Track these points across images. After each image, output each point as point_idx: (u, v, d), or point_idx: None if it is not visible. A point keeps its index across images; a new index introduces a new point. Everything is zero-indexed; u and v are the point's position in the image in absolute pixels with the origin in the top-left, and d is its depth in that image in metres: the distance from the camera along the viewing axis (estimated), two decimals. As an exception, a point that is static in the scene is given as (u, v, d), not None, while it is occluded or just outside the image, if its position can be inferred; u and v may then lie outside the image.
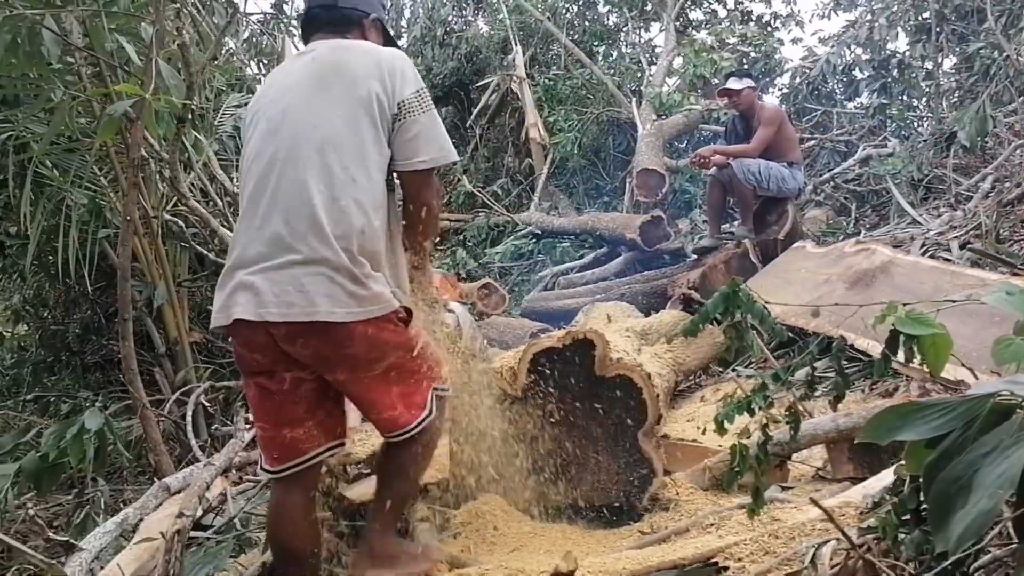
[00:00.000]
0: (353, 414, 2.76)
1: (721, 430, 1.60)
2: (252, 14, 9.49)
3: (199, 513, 3.26)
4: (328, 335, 2.18)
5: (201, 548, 3.33)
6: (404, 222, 2.44)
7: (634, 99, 10.23)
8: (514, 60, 11.20)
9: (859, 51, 9.27)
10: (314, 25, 2.49)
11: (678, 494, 3.19)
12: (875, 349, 1.53)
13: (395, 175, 2.39)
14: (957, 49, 8.30)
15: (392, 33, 2.69)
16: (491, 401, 3.28)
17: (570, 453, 3.42)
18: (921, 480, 1.30)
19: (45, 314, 7.27)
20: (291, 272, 2.16)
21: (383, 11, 2.59)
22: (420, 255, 2.49)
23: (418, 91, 2.32)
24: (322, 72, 2.32)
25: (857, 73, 9.37)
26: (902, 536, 1.45)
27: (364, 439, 3.48)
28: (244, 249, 2.24)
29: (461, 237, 10.00)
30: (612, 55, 12.68)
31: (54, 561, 1.72)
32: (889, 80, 8.80)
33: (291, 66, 2.49)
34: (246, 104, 6.54)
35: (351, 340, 2.20)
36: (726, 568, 2.28)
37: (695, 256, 6.76)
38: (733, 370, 5.21)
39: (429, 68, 12.21)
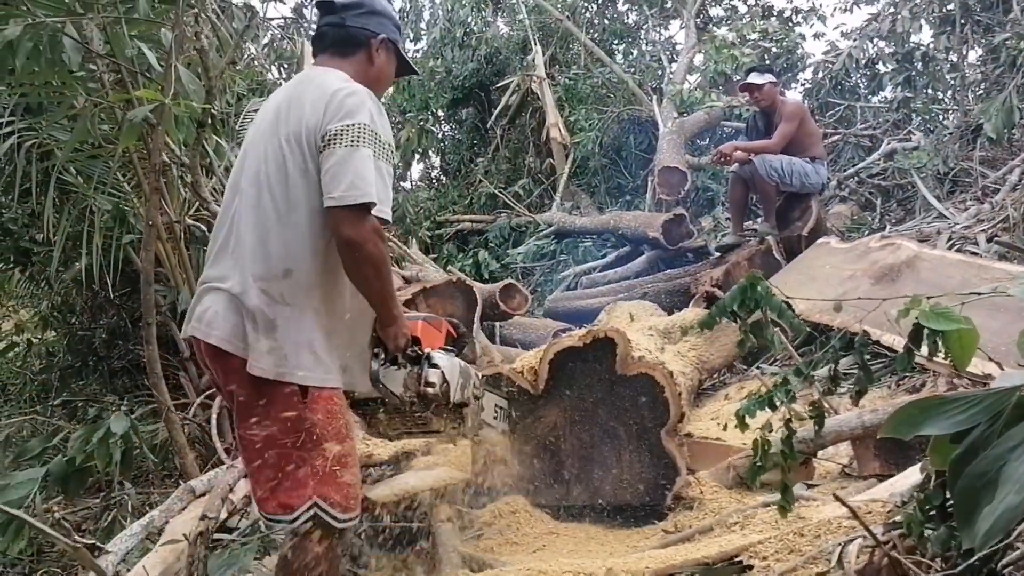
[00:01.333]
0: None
1: (743, 425, 1.57)
2: (272, 19, 9.56)
3: (223, 515, 3.27)
4: (222, 363, 2.17)
5: (226, 550, 3.35)
6: None
7: (655, 97, 10.18)
8: (534, 60, 11.18)
9: (882, 44, 9.15)
10: (321, 43, 2.44)
11: (702, 493, 3.17)
12: (900, 345, 1.51)
13: None
14: (982, 40, 8.17)
15: (407, 56, 2.55)
16: (499, 432, 3.19)
17: (593, 452, 3.41)
18: (946, 475, 1.27)
19: (72, 320, 7.35)
20: (219, 298, 2.19)
21: (396, 32, 2.47)
22: (377, 311, 2.23)
23: (353, 124, 2.11)
24: (279, 104, 2.28)
25: (880, 67, 9.25)
26: (928, 533, 1.42)
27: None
28: (205, 270, 2.31)
29: (483, 238, 10.00)
30: (632, 53, 12.63)
31: (80, 545, 1.72)
32: (913, 73, 8.68)
33: (277, 92, 2.47)
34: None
35: (236, 376, 2.13)
36: (751, 567, 2.26)
37: (718, 254, 6.71)
38: (758, 368, 5.16)
39: (449, 70, 12.23)
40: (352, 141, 2.09)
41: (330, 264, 2.18)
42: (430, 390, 2.31)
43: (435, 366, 2.34)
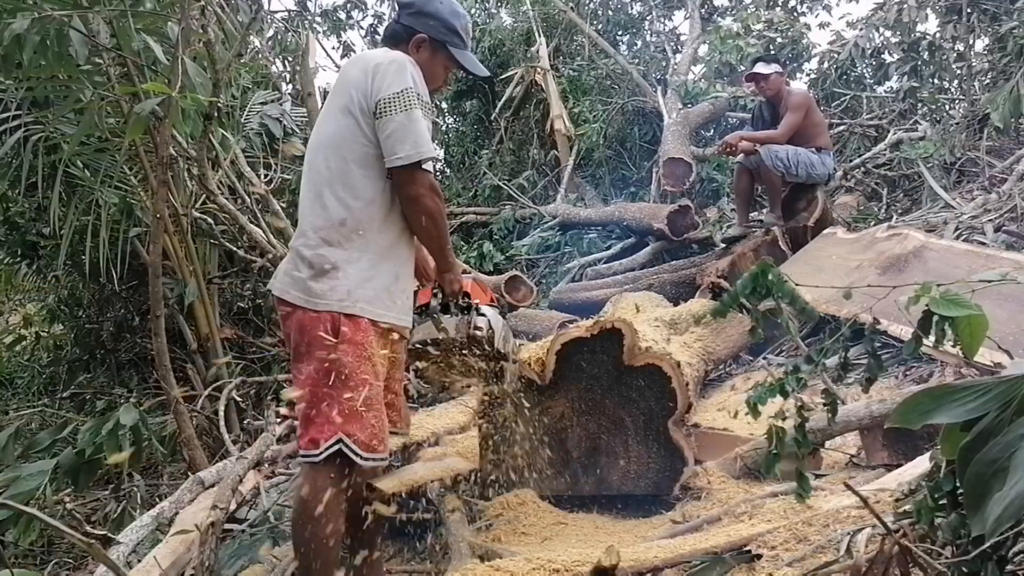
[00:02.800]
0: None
1: (755, 412, 1.58)
2: (276, 12, 9.55)
3: (233, 506, 3.29)
4: (283, 312, 2.45)
5: (236, 541, 3.37)
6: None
7: (659, 88, 10.16)
8: (538, 52, 11.14)
9: (888, 34, 9.10)
10: (383, 36, 2.75)
11: (709, 483, 3.17)
12: (908, 334, 1.51)
13: None
14: (989, 29, 8.12)
15: (460, 55, 2.70)
16: (524, 402, 3.28)
17: (600, 443, 3.42)
18: (956, 463, 1.28)
19: (80, 313, 7.37)
20: (286, 256, 2.54)
21: (447, 34, 2.65)
22: (436, 258, 2.60)
23: (401, 91, 2.37)
24: (336, 84, 2.59)
25: (886, 56, 9.21)
26: (938, 520, 1.43)
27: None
28: None
29: (488, 230, 9.99)
30: (636, 44, 12.59)
31: (92, 540, 1.74)
32: (919, 63, 8.63)
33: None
34: (272, 101, 6.62)
35: (291, 322, 2.39)
36: (759, 556, 2.27)
37: (723, 245, 6.70)
38: (764, 358, 5.17)
39: (453, 62, 12.17)
40: (405, 106, 2.37)
41: (385, 214, 2.45)
42: (478, 332, 2.64)
43: (482, 315, 2.67)
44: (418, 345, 2.70)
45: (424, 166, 2.39)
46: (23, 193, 5.80)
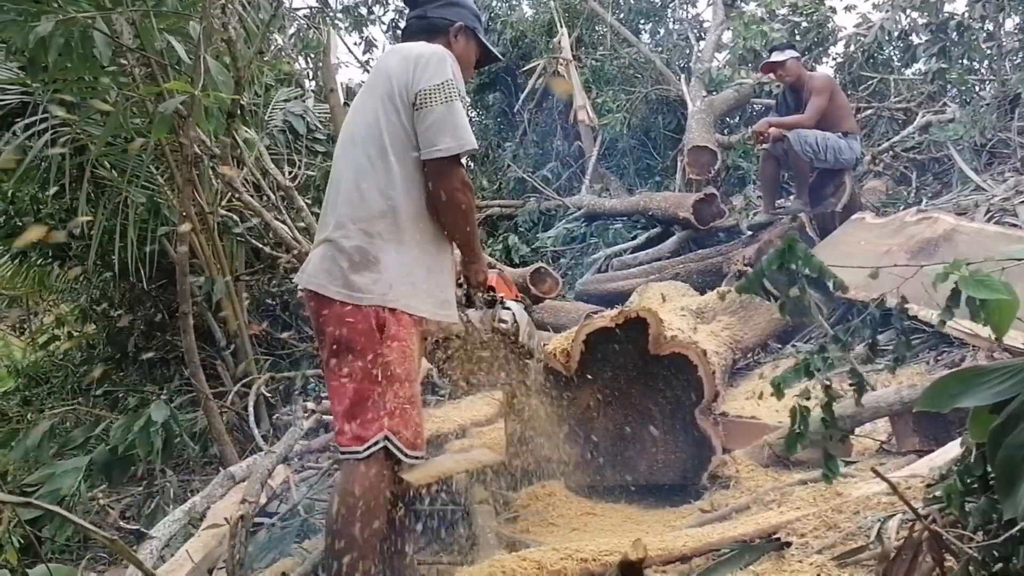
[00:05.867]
0: None
1: (779, 392, 1.55)
2: (298, 9, 9.59)
3: (263, 500, 3.32)
4: (317, 306, 2.37)
5: (266, 534, 3.40)
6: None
7: (683, 76, 10.08)
8: (560, 42, 11.10)
9: (915, 15, 8.98)
10: (406, 35, 2.69)
11: (738, 471, 3.15)
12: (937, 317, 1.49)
13: None
14: (1019, 7, 7.99)
15: (485, 40, 2.77)
16: (548, 398, 3.27)
17: (627, 433, 3.40)
18: (986, 446, 1.25)
19: (111, 312, 7.45)
20: (318, 249, 2.45)
21: (475, 20, 2.73)
22: (463, 251, 2.58)
23: (442, 83, 2.36)
24: (372, 75, 2.58)
25: (914, 38, 9.08)
26: (969, 505, 1.40)
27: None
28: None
29: (513, 223, 9.98)
30: (659, 32, 12.50)
31: (115, 537, 1.76)
32: (948, 44, 8.50)
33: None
34: (295, 98, 6.65)
35: (329, 317, 2.33)
36: (789, 543, 2.25)
37: (750, 232, 6.65)
38: (793, 346, 5.12)
39: (475, 55, 12.17)
40: (446, 98, 2.36)
41: (422, 207, 2.43)
42: (503, 325, 2.66)
43: (507, 309, 2.70)
44: (448, 340, 2.70)
45: (462, 158, 2.39)
46: (52, 195, 5.88)
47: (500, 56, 2.93)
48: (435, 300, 2.44)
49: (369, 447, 2.25)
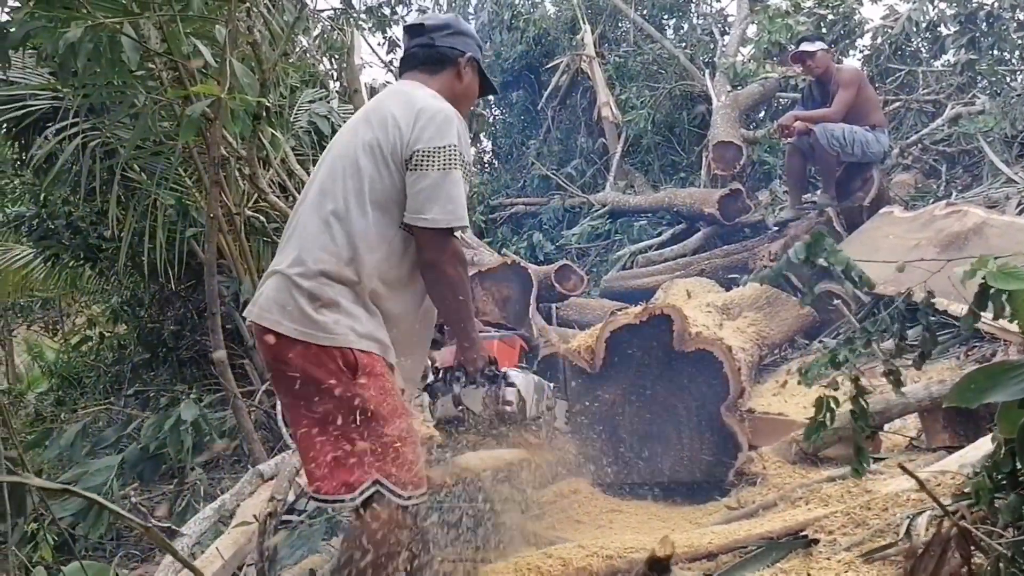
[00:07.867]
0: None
1: (805, 380, 1.54)
2: (322, 11, 9.64)
3: (291, 497, 3.35)
4: (275, 345, 2.15)
5: (294, 531, 3.43)
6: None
7: (707, 71, 10.03)
8: (583, 39, 11.09)
9: (943, 6, 8.86)
10: (410, 63, 2.51)
11: (765, 468, 3.14)
12: (966, 312, 1.46)
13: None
14: (1051, -4, 7.87)
15: (486, 72, 2.64)
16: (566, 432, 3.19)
17: (652, 430, 3.40)
18: (1016, 442, 1.24)
19: (141, 313, 7.55)
20: (270, 281, 2.23)
21: (479, 52, 2.57)
22: (456, 334, 2.33)
23: (444, 147, 2.18)
24: (367, 111, 2.38)
25: (942, 29, 8.96)
26: (998, 502, 1.39)
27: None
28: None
29: (537, 220, 9.99)
30: (683, 27, 12.44)
31: (150, 524, 1.78)
32: (977, 34, 8.38)
33: (370, 101, 2.56)
34: (320, 100, 6.69)
35: (289, 356, 2.12)
36: (816, 541, 2.23)
37: (776, 228, 6.60)
38: (820, 342, 5.08)
39: (498, 53, 12.20)
40: (444, 164, 2.17)
41: (395, 263, 2.22)
42: (507, 408, 2.38)
43: (511, 384, 2.40)
44: (449, 422, 2.46)
45: (454, 232, 2.20)
46: (84, 198, 5.98)
47: (497, 89, 2.82)
48: (399, 366, 2.25)
49: (359, 493, 2.06)
